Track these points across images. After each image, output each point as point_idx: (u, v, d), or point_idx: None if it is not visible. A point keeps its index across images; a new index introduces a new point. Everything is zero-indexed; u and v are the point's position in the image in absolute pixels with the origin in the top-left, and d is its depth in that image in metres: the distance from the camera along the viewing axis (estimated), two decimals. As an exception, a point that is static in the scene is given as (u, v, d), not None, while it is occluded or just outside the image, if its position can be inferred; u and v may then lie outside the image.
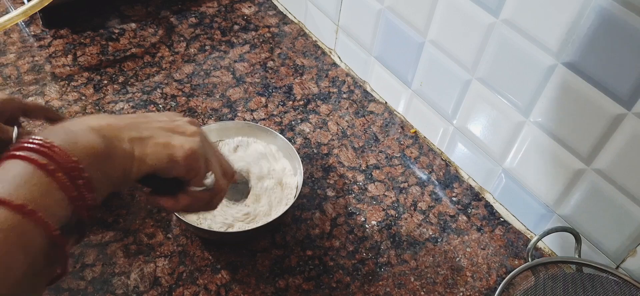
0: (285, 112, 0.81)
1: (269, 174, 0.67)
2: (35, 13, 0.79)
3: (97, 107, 0.76)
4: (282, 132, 0.77)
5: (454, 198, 0.72)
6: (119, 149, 0.41)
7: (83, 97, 0.77)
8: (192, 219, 0.61)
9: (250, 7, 1.01)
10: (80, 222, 0.37)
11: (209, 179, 0.49)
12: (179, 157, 0.44)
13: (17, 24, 0.87)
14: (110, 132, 0.40)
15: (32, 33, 0.87)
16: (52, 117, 0.63)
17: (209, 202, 0.51)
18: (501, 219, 0.71)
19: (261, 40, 0.94)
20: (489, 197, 0.73)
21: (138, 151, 0.42)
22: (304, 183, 0.69)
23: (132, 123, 0.43)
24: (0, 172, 0.34)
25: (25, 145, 0.35)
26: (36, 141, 0.36)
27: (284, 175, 0.67)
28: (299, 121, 0.80)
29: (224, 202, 0.62)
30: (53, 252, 0.34)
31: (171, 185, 0.47)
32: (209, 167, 0.48)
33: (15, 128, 0.54)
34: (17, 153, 0.35)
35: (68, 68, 0.82)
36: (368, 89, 0.87)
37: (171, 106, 0.78)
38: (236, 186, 0.63)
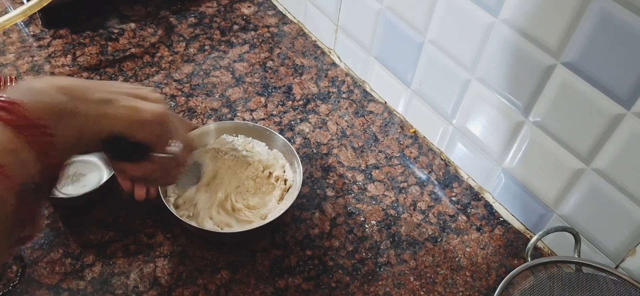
0: (285, 112, 0.81)
1: (269, 173, 0.67)
2: (35, 13, 0.79)
3: (96, 107, 0.76)
4: (281, 131, 0.77)
5: (453, 198, 0.73)
6: (85, 109, 0.40)
7: (82, 97, 0.77)
8: (193, 219, 0.61)
9: (249, 7, 1.01)
10: (47, 179, 0.37)
11: (173, 147, 0.49)
12: (147, 120, 0.44)
13: (16, 24, 0.87)
14: (77, 92, 0.40)
15: (32, 33, 0.87)
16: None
17: (169, 173, 0.51)
18: (501, 219, 0.71)
19: (261, 40, 0.94)
20: (488, 197, 0.73)
21: (105, 111, 0.42)
22: (304, 183, 0.69)
23: (98, 85, 0.43)
24: None
25: None
26: (2, 98, 0.35)
27: (284, 175, 0.67)
28: (299, 121, 0.80)
29: (175, 187, 0.63)
30: (23, 210, 0.34)
31: (134, 153, 0.47)
32: (174, 134, 0.48)
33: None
34: None
35: (67, 68, 0.82)
36: (367, 89, 0.87)
37: (171, 106, 0.78)
38: (189, 169, 0.62)
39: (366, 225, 0.67)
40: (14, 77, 0.55)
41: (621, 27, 0.49)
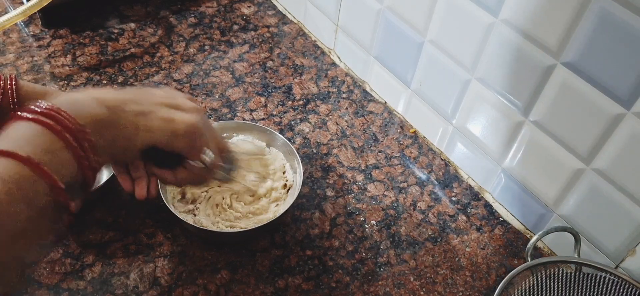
0: (285, 112, 0.81)
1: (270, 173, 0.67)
2: (35, 13, 0.79)
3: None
4: (281, 131, 0.77)
5: (453, 198, 0.73)
6: (123, 119, 0.42)
7: (82, 97, 0.77)
8: (193, 219, 0.61)
9: (249, 7, 1.01)
10: (84, 183, 0.39)
11: (207, 156, 0.51)
12: (181, 132, 0.46)
13: (16, 24, 0.87)
14: (115, 104, 0.42)
15: (32, 33, 0.87)
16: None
17: (202, 178, 0.53)
18: (501, 219, 0.71)
19: (260, 40, 0.94)
20: (488, 197, 0.73)
21: (142, 123, 0.44)
22: (304, 183, 0.69)
23: (135, 97, 0.45)
24: (8, 131, 0.36)
25: (32, 108, 0.37)
26: (43, 105, 0.37)
27: (284, 175, 0.67)
28: (299, 121, 0.80)
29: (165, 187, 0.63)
30: (57, 209, 0.35)
31: (170, 160, 0.49)
32: (207, 144, 0.50)
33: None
34: (24, 115, 0.37)
35: (67, 68, 0.82)
36: (367, 89, 0.87)
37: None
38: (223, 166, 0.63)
39: (366, 225, 0.67)
40: (14, 76, 0.55)
41: (621, 27, 0.49)
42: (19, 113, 0.37)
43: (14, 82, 0.54)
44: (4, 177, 0.32)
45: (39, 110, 0.37)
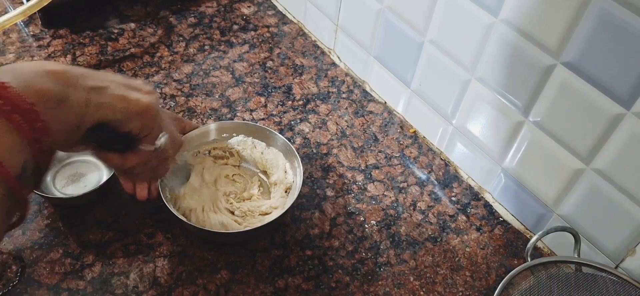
0: (285, 112, 0.81)
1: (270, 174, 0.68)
2: (35, 13, 0.79)
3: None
4: (281, 131, 0.77)
5: (453, 198, 0.73)
6: (74, 95, 0.39)
7: (82, 97, 0.77)
8: (192, 219, 0.61)
9: (249, 7, 1.01)
10: (38, 167, 0.36)
11: (161, 140, 0.48)
12: (135, 110, 0.43)
13: (16, 24, 0.87)
14: (66, 78, 0.39)
15: (31, 33, 0.87)
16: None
17: (155, 168, 0.50)
18: (500, 219, 0.71)
19: (260, 40, 0.94)
20: (488, 197, 0.73)
21: (94, 99, 0.40)
22: (304, 183, 0.69)
23: (90, 73, 0.42)
24: None
25: None
26: None
27: (284, 174, 0.67)
28: (299, 121, 0.80)
29: (166, 187, 0.62)
30: (10, 200, 0.33)
31: (121, 143, 0.46)
32: (163, 128, 0.47)
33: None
34: None
35: (67, 68, 0.82)
36: (367, 89, 0.87)
37: (170, 106, 0.78)
38: (176, 168, 0.61)
39: (366, 225, 0.67)
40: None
41: (621, 27, 0.49)
42: None
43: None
44: None
45: None
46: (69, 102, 0.38)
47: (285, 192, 0.66)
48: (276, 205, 0.64)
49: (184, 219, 0.58)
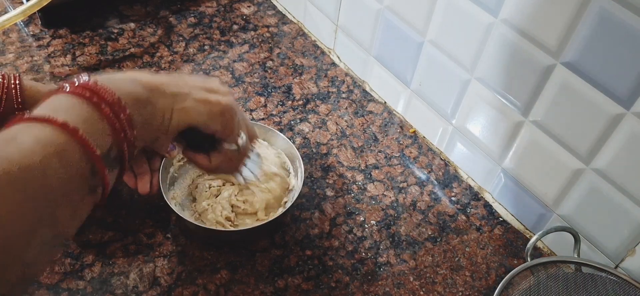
0: (285, 112, 0.81)
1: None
2: (34, 13, 0.79)
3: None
4: (281, 131, 0.77)
5: (453, 198, 0.73)
6: (160, 99, 0.43)
7: (82, 97, 0.77)
8: (192, 217, 0.61)
9: (249, 6, 1.01)
10: (120, 156, 0.39)
11: (242, 139, 0.52)
12: (217, 112, 0.47)
13: (16, 24, 0.87)
14: (152, 84, 0.43)
15: (31, 33, 0.87)
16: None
17: (234, 163, 0.54)
18: (500, 219, 0.71)
19: (260, 40, 0.94)
20: (488, 197, 0.73)
21: (178, 104, 0.44)
22: (303, 182, 0.69)
23: (171, 80, 0.46)
24: (47, 102, 0.37)
25: (72, 82, 0.38)
26: (82, 79, 0.38)
27: (285, 174, 0.67)
28: (298, 121, 0.80)
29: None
30: (93, 178, 0.36)
31: (206, 144, 0.50)
32: (241, 126, 0.51)
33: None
34: (64, 87, 0.37)
35: (67, 68, 0.82)
36: (367, 89, 0.87)
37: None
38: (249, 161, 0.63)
39: (366, 225, 0.67)
40: (17, 75, 0.55)
41: (621, 27, 0.49)
42: (56, 88, 0.38)
43: (18, 82, 0.54)
44: (42, 140, 0.33)
45: (77, 84, 0.37)
46: (153, 105, 0.42)
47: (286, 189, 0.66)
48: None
49: (185, 217, 0.58)
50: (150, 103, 0.42)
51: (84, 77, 0.38)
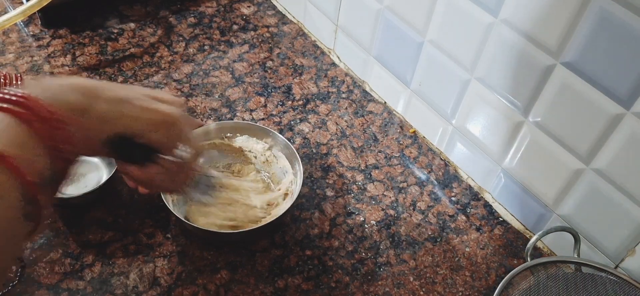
0: (284, 112, 0.81)
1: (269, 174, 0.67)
2: (34, 13, 0.79)
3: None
4: (281, 131, 0.77)
5: (453, 198, 0.73)
6: (98, 107, 0.40)
7: (82, 97, 0.77)
8: (194, 219, 0.61)
9: (249, 7, 1.01)
10: (57, 174, 0.37)
11: (183, 152, 0.47)
12: (158, 121, 0.43)
13: (15, 24, 0.87)
14: (91, 91, 0.40)
15: (31, 33, 0.87)
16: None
17: (174, 179, 0.49)
18: (500, 219, 0.71)
19: (260, 40, 0.94)
20: (488, 197, 0.73)
21: (117, 110, 0.41)
22: (303, 183, 0.69)
23: (114, 86, 0.43)
24: None
25: (4, 96, 0.35)
26: (12, 92, 0.35)
27: (284, 175, 0.67)
28: (298, 121, 0.80)
29: (192, 203, 0.61)
30: (27, 206, 0.34)
31: (140, 155, 0.46)
32: (185, 140, 0.47)
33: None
34: None
35: (67, 68, 0.82)
36: (367, 89, 0.87)
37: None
38: (199, 179, 0.59)
39: (366, 225, 0.67)
40: (19, 75, 0.55)
41: (621, 27, 0.49)
42: None
43: (20, 82, 0.54)
44: None
45: (8, 98, 0.34)
46: (91, 113, 0.39)
47: (284, 196, 0.66)
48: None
49: (184, 219, 0.58)
50: (89, 111, 0.39)
51: (16, 91, 0.35)
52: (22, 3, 0.77)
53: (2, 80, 0.53)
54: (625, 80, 0.51)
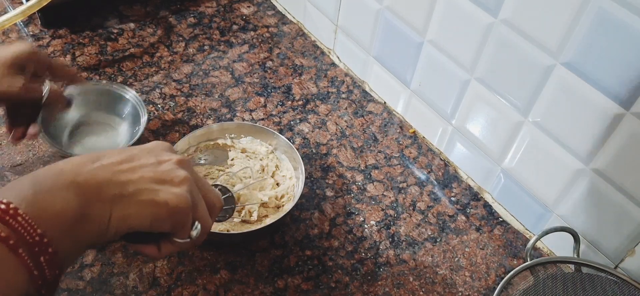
0: (284, 112, 0.81)
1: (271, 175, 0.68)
2: (34, 13, 0.79)
3: (95, 107, 0.76)
4: (281, 132, 0.77)
5: (452, 198, 0.73)
6: (95, 211, 0.36)
7: (82, 97, 0.77)
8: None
9: (249, 7, 1.01)
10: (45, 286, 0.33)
11: (195, 231, 0.43)
12: (164, 216, 0.39)
13: (15, 24, 0.87)
14: (89, 190, 0.36)
15: (31, 33, 0.87)
16: (76, 81, 0.62)
17: (192, 247, 0.49)
18: (500, 219, 0.71)
19: (260, 40, 0.94)
20: (487, 197, 0.73)
21: (118, 212, 0.37)
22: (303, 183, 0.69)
23: (115, 175, 0.38)
24: None
25: None
26: (0, 207, 0.31)
27: (285, 175, 0.67)
28: (298, 121, 0.80)
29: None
30: None
31: (153, 239, 0.43)
32: (196, 216, 0.43)
33: (46, 86, 0.51)
34: None
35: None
36: (367, 89, 0.87)
37: (170, 106, 0.78)
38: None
39: (365, 225, 0.67)
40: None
41: (620, 27, 0.49)
42: None
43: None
44: None
45: None
46: (89, 219, 0.35)
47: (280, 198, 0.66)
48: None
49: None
50: (84, 218, 0.35)
51: (2, 202, 0.31)
52: (22, 3, 0.77)
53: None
54: (625, 80, 0.51)
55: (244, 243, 0.63)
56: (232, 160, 0.68)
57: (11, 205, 0.31)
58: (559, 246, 0.67)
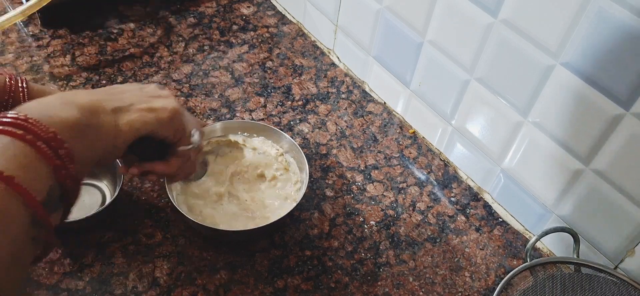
0: (284, 112, 0.81)
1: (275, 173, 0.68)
2: (34, 13, 0.79)
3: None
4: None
5: (452, 199, 0.73)
6: (100, 119, 0.40)
7: (81, 97, 0.77)
8: (194, 216, 0.61)
9: (249, 7, 1.01)
10: (65, 194, 0.36)
11: (195, 137, 0.51)
12: (166, 118, 0.45)
13: (15, 24, 0.87)
14: (89, 105, 0.40)
15: (31, 33, 0.87)
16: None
17: (192, 162, 0.53)
18: (500, 219, 0.71)
19: (260, 40, 0.94)
20: (487, 197, 0.73)
21: (123, 119, 0.42)
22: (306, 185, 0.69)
23: (108, 95, 0.43)
24: None
25: (2, 120, 0.34)
26: (10, 115, 0.34)
27: (289, 173, 0.68)
28: (298, 121, 0.80)
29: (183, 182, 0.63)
30: (34, 229, 0.33)
31: (160, 151, 0.49)
32: (189, 124, 0.50)
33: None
34: None
35: (66, 68, 0.82)
36: (367, 89, 0.87)
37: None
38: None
39: (365, 226, 0.67)
40: (25, 77, 0.54)
41: (620, 27, 0.49)
42: None
43: (25, 84, 0.53)
44: None
45: (6, 121, 0.34)
46: (97, 127, 0.40)
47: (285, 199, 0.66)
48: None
49: (186, 215, 0.58)
50: (91, 126, 0.39)
51: (10, 113, 0.34)
52: (21, 3, 0.77)
53: (7, 81, 0.53)
54: (624, 80, 0.51)
55: (243, 243, 0.63)
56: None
57: (20, 114, 0.34)
58: (558, 246, 0.67)
